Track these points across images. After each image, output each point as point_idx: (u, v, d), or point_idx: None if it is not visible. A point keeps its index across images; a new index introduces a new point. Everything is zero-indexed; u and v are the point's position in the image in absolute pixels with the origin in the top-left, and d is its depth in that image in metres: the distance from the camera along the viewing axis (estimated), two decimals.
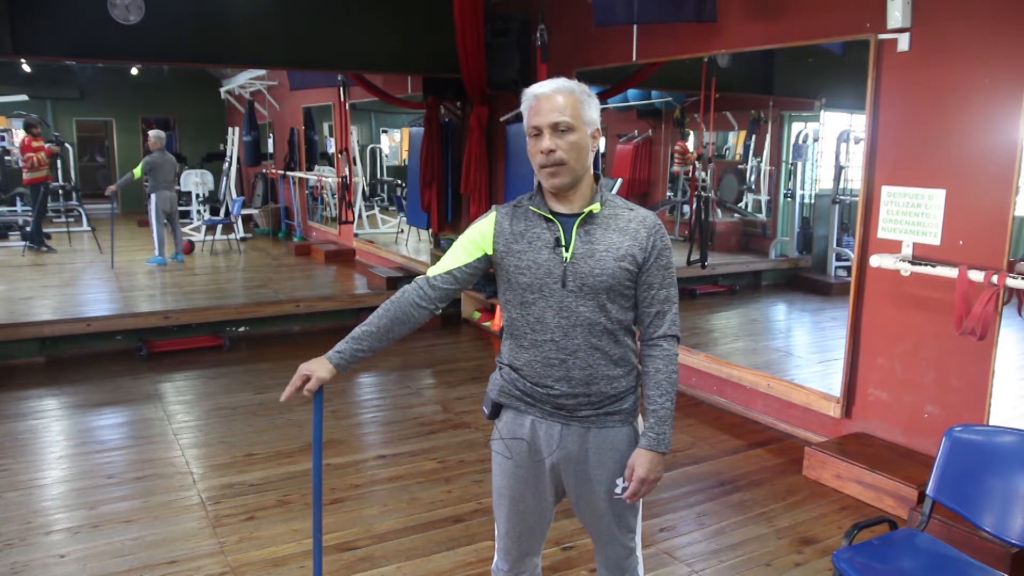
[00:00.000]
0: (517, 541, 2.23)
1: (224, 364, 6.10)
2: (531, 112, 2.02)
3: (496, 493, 2.23)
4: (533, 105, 2.02)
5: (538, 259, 2.01)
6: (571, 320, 2.00)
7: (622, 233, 2.02)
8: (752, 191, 10.34)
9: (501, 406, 2.16)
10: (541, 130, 1.99)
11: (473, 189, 7.16)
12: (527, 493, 2.16)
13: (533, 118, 2.01)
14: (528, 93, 2.05)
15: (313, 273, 9.84)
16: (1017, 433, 2.50)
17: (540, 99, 2.00)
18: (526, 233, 2.05)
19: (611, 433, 2.08)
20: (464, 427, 4.81)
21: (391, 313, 2.20)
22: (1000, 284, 3.48)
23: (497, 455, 2.19)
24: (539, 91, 2.02)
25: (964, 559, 2.40)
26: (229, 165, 12.66)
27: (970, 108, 3.67)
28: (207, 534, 3.46)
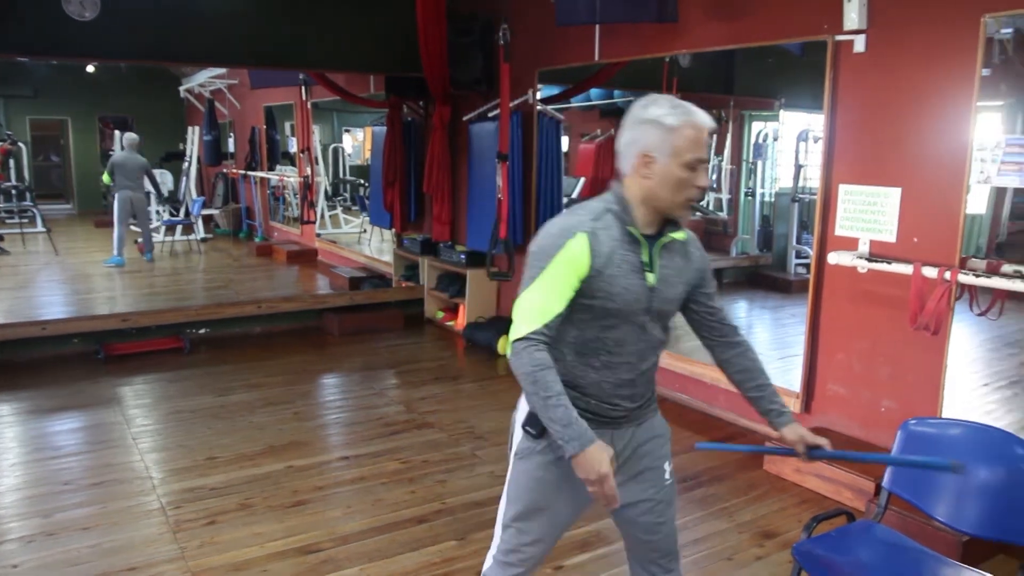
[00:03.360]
0: (541, 554, 2.24)
1: (184, 367, 6.02)
2: (694, 143, 1.93)
3: (528, 507, 2.18)
4: (698, 137, 1.93)
5: (628, 285, 1.97)
6: (649, 343, 2.07)
7: (684, 257, 2.09)
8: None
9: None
10: (699, 163, 1.95)
11: (436, 189, 7.15)
12: (569, 504, 2.17)
13: (697, 149, 1.93)
14: (680, 115, 1.93)
15: (275, 274, 9.77)
16: (968, 425, 2.56)
17: (706, 132, 1.94)
18: (614, 255, 1.96)
19: (653, 421, 2.18)
20: (428, 427, 4.80)
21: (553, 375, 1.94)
22: (952, 280, 3.55)
23: (537, 469, 2.14)
24: (705, 122, 1.95)
25: (918, 548, 2.45)
26: (189, 165, 12.49)
27: (924, 109, 3.75)
28: (167, 540, 3.41)
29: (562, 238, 1.94)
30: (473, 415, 5.02)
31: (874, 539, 2.50)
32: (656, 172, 1.94)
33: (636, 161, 1.97)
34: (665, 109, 1.93)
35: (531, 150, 6.44)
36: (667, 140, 1.92)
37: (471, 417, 4.98)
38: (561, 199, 7.12)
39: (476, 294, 6.98)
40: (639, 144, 1.96)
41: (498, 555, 2.29)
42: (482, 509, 3.72)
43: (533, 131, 6.40)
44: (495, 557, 2.30)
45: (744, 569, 3.25)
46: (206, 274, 9.85)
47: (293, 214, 12.00)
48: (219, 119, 13.35)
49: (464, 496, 3.87)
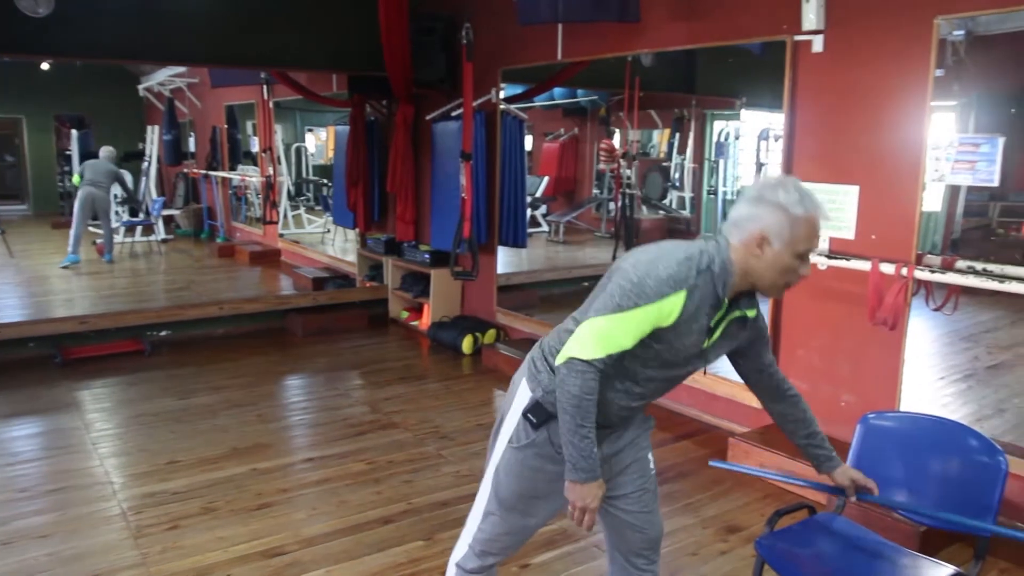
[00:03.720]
0: (517, 545, 2.32)
1: (145, 369, 5.93)
2: (812, 235, 1.94)
3: (517, 496, 2.21)
4: (817, 229, 1.94)
5: (687, 343, 2.00)
6: (671, 383, 2.16)
7: (743, 327, 2.13)
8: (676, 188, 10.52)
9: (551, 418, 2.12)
10: (808, 266, 1.98)
11: (399, 188, 7.12)
12: (555, 500, 2.21)
13: (812, 242, 1.95)
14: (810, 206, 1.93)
15: (237, 275, 9.67)
16: (924, 418, 2.61)
17: (820, 227, 1.94)
18: (695, 314, 1.98)
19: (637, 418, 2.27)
20: (393, 427, 4.78)
21: (594, 406, 1.98)
22: (909, 276, 3.62)
23: (534, 459, 2.17)
24: (826, 216, 1.96)
25: (877, 539, 2.49)
26: (149, 164, 12.31)
27: (880, 108, 3.81)
28: (128, 546, 3.36)
29: (666, 287, 1.92)
30: (438, 415, 5.01)
31: (835, 532, 2.54)
32: (768, 254, 1.95)
33: (750, 238, 1.96)
34: (794, 197, 1.92)
35: (495, 149, 6.44)
36: (788, 227, 1.92)
37: (436, 417, 4.98)
38: (525, 198, 7.13)
39: (440, 293, 6.96)
40: (759, 223, 1.94)
41: (474, 544, 2.31)
42: (448, 509, 3.72)
43: (496, 130, 6.41)
44: (470, 546, 2.32)
45: (709, 564, 3.28)
46: (167, 275, 9.72)
47: (256, 214, 11.88)
48: (179, 118, 13.17)
49: (430, 496, 3.86)
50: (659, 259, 1.95)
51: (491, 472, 2.27)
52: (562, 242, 10.58)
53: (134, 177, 12.61)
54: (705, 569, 3.24)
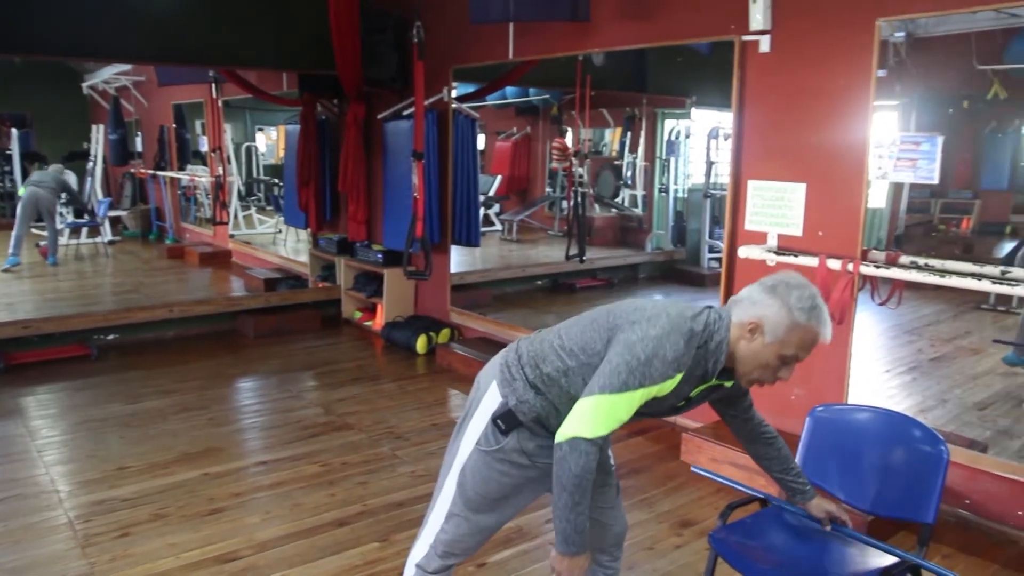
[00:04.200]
0: (478, 545, 2.32)
1: (92, 374, 5.81)
2: (805, 346, 1.97)
3: (484, 498, 2.21)
4: (813, 343, 1.97)
5: (665, 405, 2.04)
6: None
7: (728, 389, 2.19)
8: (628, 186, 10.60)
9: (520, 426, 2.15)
10: (795, 361, 1.99)
11: (351, 188, 7.07)
12: (520, 503, 2.26)
13: (803, 352, 1.98)
14: (817, 328, 1.95)
15: (187, 276, 9.51)
16: (871, 410, 2.67)
17: (818, 344, 1.98)
18: (683, 386, 2.01)
19: None
20: (347, 429, 4.75)
21: (591, 484, 1.99)
22: (855, 272, 3.70)
23: (501, 464, 2.18)
24: (827, 336, 1.98)
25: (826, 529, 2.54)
26: (94, 164, 12.05)
27: (825, 108, 3.89)
28: (76, 555, 3.29)
29: (671, 370, 1.94)
30: (393, 415, 4.99)
31: (786, 523, 2.58)
32: (755, 344, 1.98)
33: (748, 321, 1.98)
34: (805, 304, 1.94)
35: (447, 148, 6.43)
36: (784, 327, 1.94)
37: (391, 417, 4.95)
38: (478, 197, 7.14)
39: (394, 293, 6.93)
40: (760, 310, 1.97)
41: (436, 545, 2.30)
42: (403, 510, 3.71)
43: (448, 129, 6.40)
44: (432, 547, 2.31)
45: (664, 558, 3.32)
46: (114, 278, 9.53)
47: (205, 215, 11.69)
48: (125, 117, 12.91)
49: (385, 497, 3.84)
50: (667, 336, 1.94)
51: (456, 472, 2.25)
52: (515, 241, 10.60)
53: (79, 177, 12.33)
54: (660, 563, 3.28)
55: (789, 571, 2.33)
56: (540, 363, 2.13)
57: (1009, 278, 3.38)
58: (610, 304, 2.15)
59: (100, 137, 12.14)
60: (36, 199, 9.47)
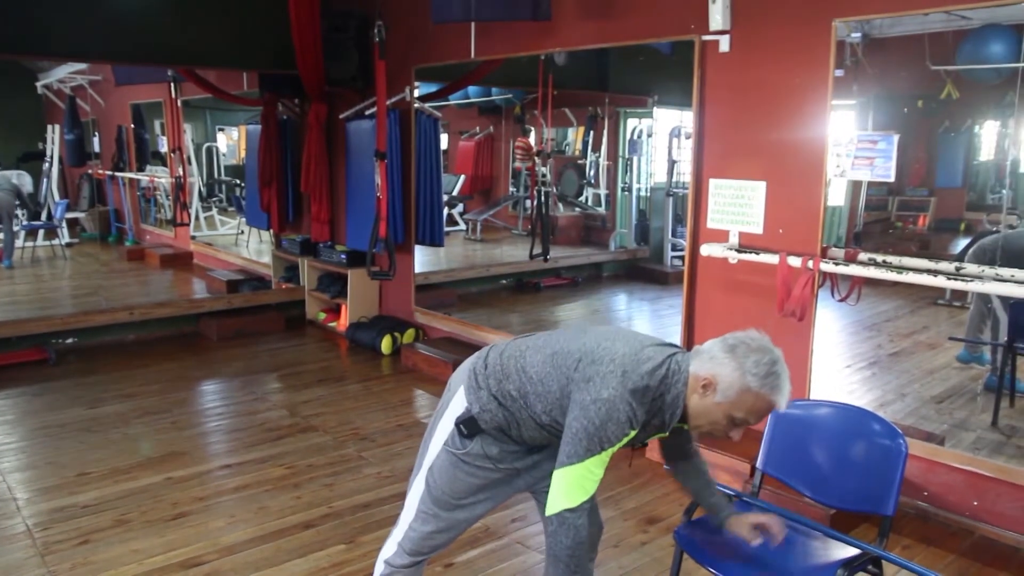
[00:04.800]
0: (447, 543, 2.34)
1: (50, 379, 5.70)
2: (756, 413, 1.95)
3: (452, 496, 2.24)
4: (764, 412, 1.96)
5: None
6: None
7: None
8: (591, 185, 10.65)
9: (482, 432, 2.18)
10: (745, 424, 1.98)
11: (313, 188, 7.03)
12: (489, 502, 2.29)
13: (751, 417, 1.96)
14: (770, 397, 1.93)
15: (148, 279, 9.38)
16: (831, 405, 2.71)
17: (771, 411, 1.96)
18: (639, 436, 2.05)
19: None
20: (312, 430, 4.72)
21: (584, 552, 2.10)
22: (815, 268, 3.76)
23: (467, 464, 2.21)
24: (780, 405, 1.95)
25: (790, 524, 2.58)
26: (50, 165, 11.82)
27: (784, 107, 3.94)
28: (34, 564, 3.23)
29: (627, 428, 1.96)
30: (358, 416, 4.97)
31: None
32: (707, 400, 1.96)
33: (702, 376, 1.96)
34: (762, 371, 1.91)
35: (409, 148, 6.41)
36: (736, 391, 1.92)
37: (356, 419, 4.93)
38: (441, 197, 7.12)
39: (358, 294, 6.90)
40: (714, 367, 1.95)
41: (404, 542, 2.32)
42: (370, 511, 3.70)
43: (411, 129, 6.38)
44: (400, 544, 2.33)
45: (630, 555, 3.34)
46: (72, 280, 9.36)
47: (166, 216, 11.53)
48: (82, 117, 12.67)
49: (351, 499, 3.83)
50: (619, 399, 1.94)
51: (425, 471, 2.28)
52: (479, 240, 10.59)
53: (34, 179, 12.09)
54: (626, 560, 3.30)
55: (754, 566, 2.36)
56: (503, 379, 2.16)
57: (963, 274, 3.46)
58: (577, 334, 2.13)
59: (56, 137, 11.91)
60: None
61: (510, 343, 2.26)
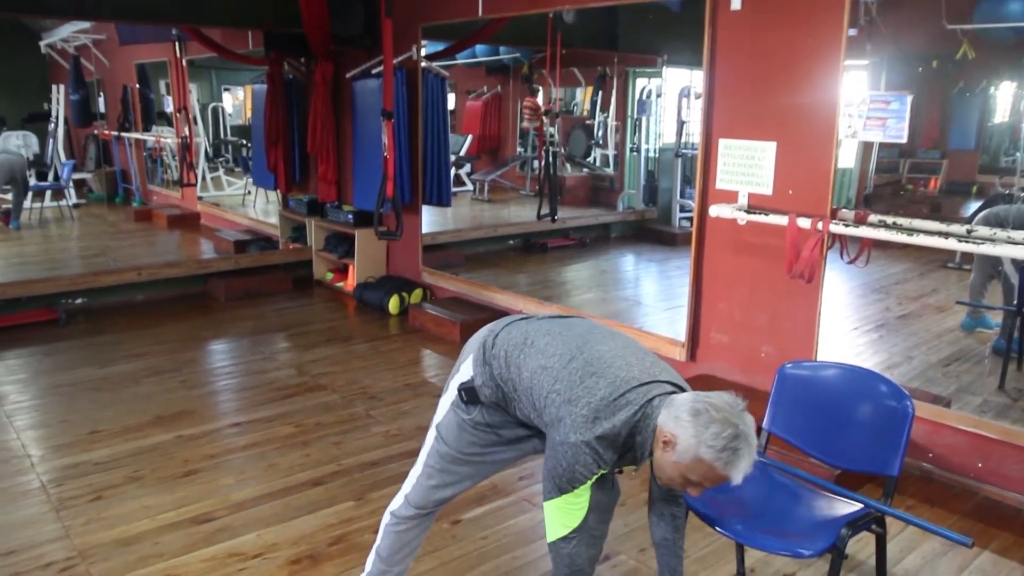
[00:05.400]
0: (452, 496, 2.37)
1: (61, 339, 5.74)
2: (711, 479, 1.87)
3: (458, 452, 2.28)
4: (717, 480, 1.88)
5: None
6: None
7: None
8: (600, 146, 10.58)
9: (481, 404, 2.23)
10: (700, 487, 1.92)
11: (320, 148, 7.00)
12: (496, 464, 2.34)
13: (707, 482, 1.89)
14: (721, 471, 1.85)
15: (155, 239, 9.39)
16: (838, 367, 2.71)
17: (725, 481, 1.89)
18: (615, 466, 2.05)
19: None
20: (320, 389, 4.75)
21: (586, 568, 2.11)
22: (825, 230, 3.74)
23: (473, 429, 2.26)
24: (734, 478, 1.87)
25: (795, 483, 2.61)
26: (56, 126, 11.78)
27: (796, 66, 3.89)
28: (50, 519, 3.28)
29: (593, 468, 1.94)
30: (366, 376, 5.00)
31: (754, 476, 2.63)
32: (666, 456, 1.90)
33: (665, 432, 1.89)
34: (719, 443, 1.84)
35: (416, 107, 6.37)
36: (691, 456, 1.86)
37: (364, 378, 4.96)
38: (448, 156, 7.09)
39: (365, 254, 6.90)
40: (677, 428, 1.88)
41: (411, 495, 2.38)
42: (378, 469, 3.73)
43: (418, 88, 6.33)
44: (407, 497, 2.39)
45: (635, 513, 3.37)
46: (80, 241, 9.39)
47: (172, 177, 11.51)
48: (87, 77, 12.60)
49: (359, 456, 3.86)
50: (586, 445, 1.92)
51: (434, 426, 2.33)
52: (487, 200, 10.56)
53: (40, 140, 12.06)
54: (632, 519, 3.33)
55: (759, 523, 2.39)
56: (503, 367, 2.16)
57: (974, 237, 3.43)
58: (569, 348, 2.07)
59: (61, 98, 11.85)
60: (11, 166, 9.29)
61: (518, 325, 2.24)
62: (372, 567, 2.51)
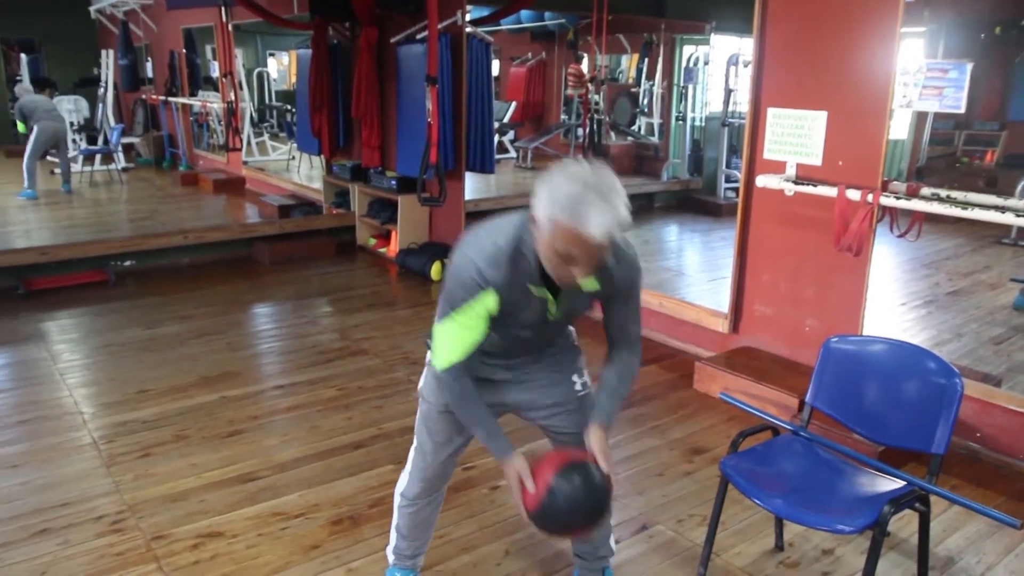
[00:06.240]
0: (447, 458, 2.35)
1: (110, 300, 5.87)
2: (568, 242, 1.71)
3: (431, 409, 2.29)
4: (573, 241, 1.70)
5: (525, 320, 2.02)
6: (545, 336, 2.19)
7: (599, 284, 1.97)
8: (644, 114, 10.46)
9: None
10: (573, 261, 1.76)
11: (364, 113, 7.00)
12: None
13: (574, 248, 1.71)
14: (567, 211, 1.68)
15: (201, 203, 9.51)
16: (885, 342, 2.66)
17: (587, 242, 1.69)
18: (519, 302, 1.95)
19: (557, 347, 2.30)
20: (362, 354, 4.80)
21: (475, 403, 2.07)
22: (875, 203, 3.66)
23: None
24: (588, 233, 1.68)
25: (837, 458, 2.58)
26: (105, 91, 11.96)
27: (851, 34, 3.79)
28: (101, 474, 3.37)
29: (474, 290, 1.89)
30: (407, 341, 5.04)
31: (797, 451, 2.61)
32: (538, 240, 1.79)
33: (531, 214, 1.80)
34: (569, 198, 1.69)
35: (461, 73, 6.33)
36: (546, 221, 1.73)
37: (406, 343, 5.00)
38: (492, 123, 7.06)
39: (408, 220, 6.92)
40: (536, 204, 1.76)
41: (413, 470, 2.39)
42: None
43: (463, 54, 6.29)
44: (410, 473, 2.40)
45: (674, 484, 3.37)
46: (129, 205, 9.54)
47: (218, 141, 11.65)
48: (135, 42, 12.74)
49: (400, 421, 3.90)
50: (463, 262, 1.90)
51: (419, 393, 2.37)
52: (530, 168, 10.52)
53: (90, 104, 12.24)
54: (670, 489, 3.33)
55: (799, 498, 2.37)
56: None
57: None
58: None
59: (110, 63, 12.01)
60: (54, 131, 9.45)
61: None
62: (395, 541, 2.53)
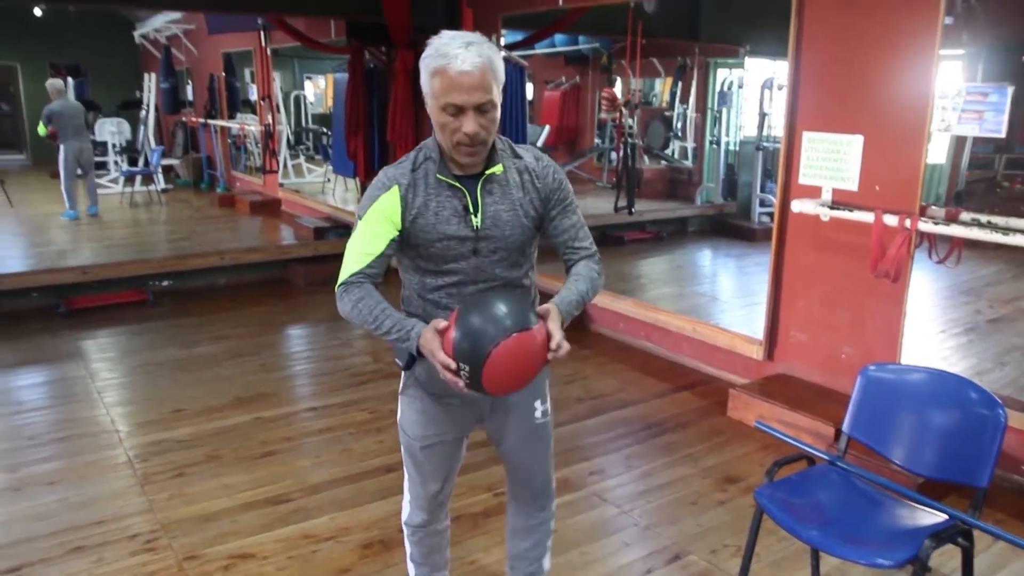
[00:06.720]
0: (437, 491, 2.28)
1: (148, 319, 5.95)
2: (446, 86, 1.79)
3: (416, 439, 2.20)
4: (449, 79, 1.78)
5: (447, 231, 1.94)
6: (488, 284, 2.03)
7: (522, 188, 2.02)
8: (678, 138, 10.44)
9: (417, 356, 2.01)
10: (462, 109, 1.82)
11: (399, 136, 7.06)
12: (452, 432, 2.21)
13: (451, 94, 1.80)
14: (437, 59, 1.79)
15: (238, 224, 9.64)
16: (925, 371, 2.61)
17: (459, 76, 1.77)
18: (430, 203, 1.93)
19: None
20: (395, 377, 4.78)
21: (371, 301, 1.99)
22: (913, 228, 3.61)
23: (416, 402, 2.18)
24: (457, 66, 1.77)
25: (875, 490, 2.52)
26: (147, 113, 12.21)
27: (887, 57, 3.76)
28: (135, 492, 3.41)
29: (377, 191, 1.93)
30: None
31: (833, 482, 2.56)
32: (431, 114, 1.88)
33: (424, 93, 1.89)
34: (431, 50, 1.81)
35: None
36: (427, 82, 1.83)
37: None
38: None
39: None
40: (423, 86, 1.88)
41: (411, 499, 2.35)
42: None
43: None
44: (410, 503, 2.37)
45: (708, 513, 3.32)
46: (168, 225, 9.69)
47: (255, 164, 11.82)
48: (176, 66, 13.02)
49: None
50: (379, 175, 1.97)
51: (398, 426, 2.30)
52: None
53: (131, 126, 12.49)
54: (704, 519, 3.28)
55: (836, 530, 2.32)
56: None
57: None
58: None
59: (152, 86, 12.27)
60: (80, 152, 9.49)
61: None
62: (414, 571, 2.49)
